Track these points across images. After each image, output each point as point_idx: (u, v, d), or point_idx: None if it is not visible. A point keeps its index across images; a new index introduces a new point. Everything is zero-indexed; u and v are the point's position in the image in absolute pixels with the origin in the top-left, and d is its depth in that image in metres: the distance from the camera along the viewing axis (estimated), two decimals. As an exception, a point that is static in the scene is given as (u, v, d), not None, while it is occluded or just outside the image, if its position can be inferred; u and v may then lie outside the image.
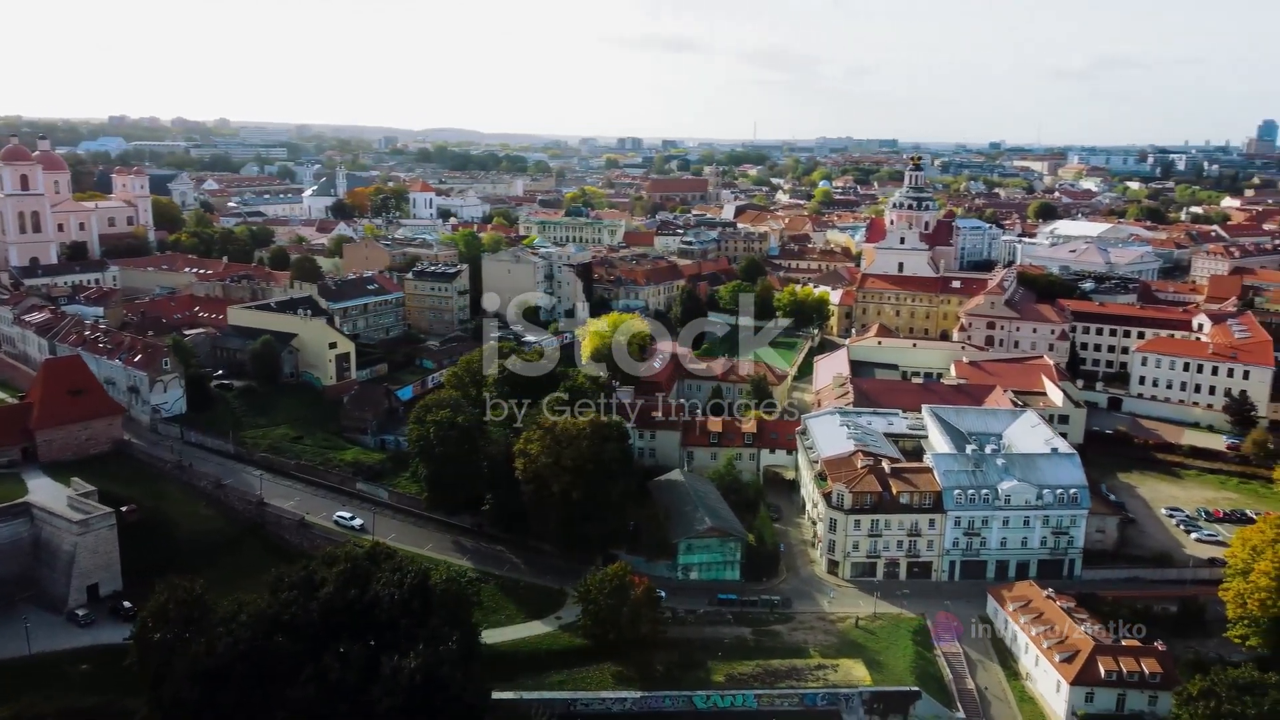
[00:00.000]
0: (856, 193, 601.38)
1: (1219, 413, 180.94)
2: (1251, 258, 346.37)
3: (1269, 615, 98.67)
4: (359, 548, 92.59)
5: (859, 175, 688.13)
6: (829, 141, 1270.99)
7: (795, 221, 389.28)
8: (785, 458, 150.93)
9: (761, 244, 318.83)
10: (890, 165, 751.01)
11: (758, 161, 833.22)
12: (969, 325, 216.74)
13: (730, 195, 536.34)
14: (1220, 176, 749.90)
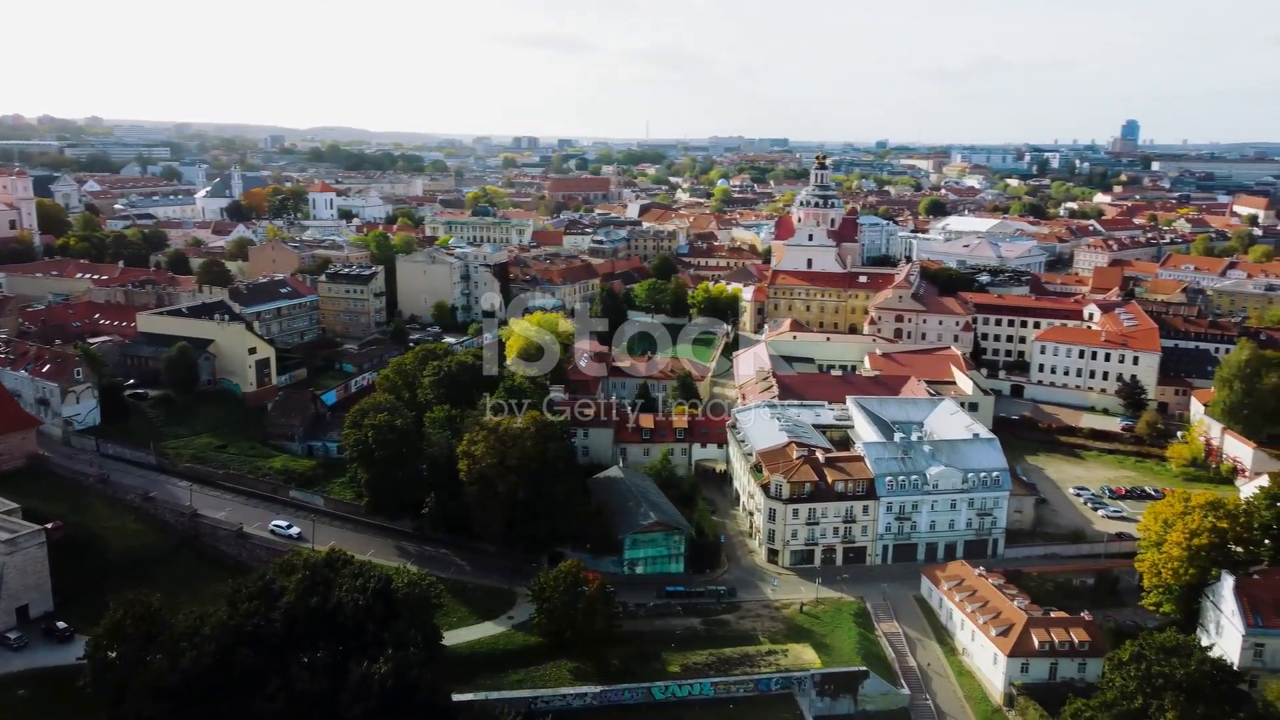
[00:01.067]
0: (753, 191, 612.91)
1: (1112, 396, 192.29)
2: (1128, 250, 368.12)
3: (1181, 583, 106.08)
4: (315, 555, 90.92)
5: (755, 174, 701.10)
6: (722, 141, 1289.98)
7: (700, 220, 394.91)
8: (716, 451, 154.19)
9: (671, 242, 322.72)
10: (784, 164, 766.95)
11: (655, 161, 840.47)
12: (878, 319, 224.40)
13: (631, 194, 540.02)
14: (1091, 174, 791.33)
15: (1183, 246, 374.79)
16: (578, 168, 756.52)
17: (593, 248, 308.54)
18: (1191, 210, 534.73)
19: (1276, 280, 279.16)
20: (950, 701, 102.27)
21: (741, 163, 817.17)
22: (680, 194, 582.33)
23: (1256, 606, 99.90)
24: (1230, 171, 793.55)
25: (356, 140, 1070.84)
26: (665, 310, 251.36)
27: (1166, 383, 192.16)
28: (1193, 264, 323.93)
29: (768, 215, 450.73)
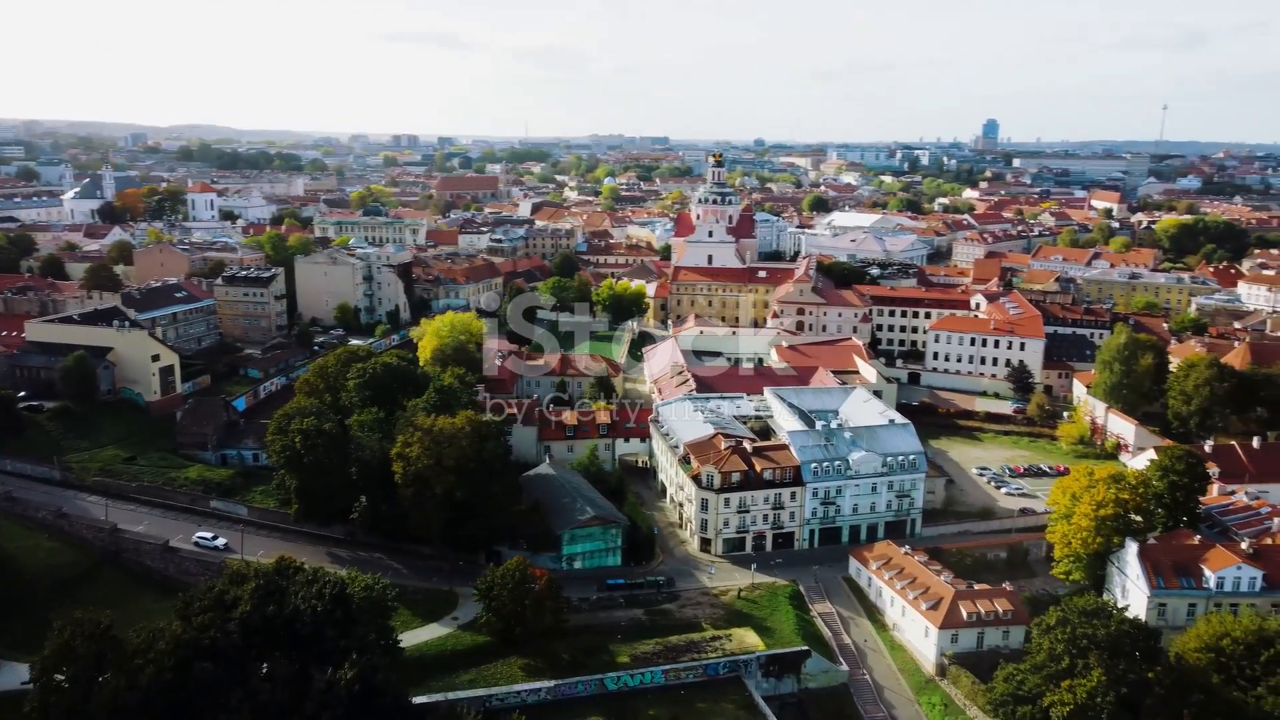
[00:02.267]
0: (640, 189, 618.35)
1: (1003, 381, 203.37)
2: (1001, 243, 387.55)
3: (1089, 551, 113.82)
4: (264, 564, 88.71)
5: (640, 172, 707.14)
6: (603, 139, 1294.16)
7: (594, 218, 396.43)
8: (639, 445, 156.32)
9: (569, 240, 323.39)
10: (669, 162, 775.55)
11: (540, 159, 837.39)
12: (781, 312, 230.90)
13: (520, 192, 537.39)
14: (958, 170, 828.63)
15: (1050, 239, 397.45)
16: (461, 166, 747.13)
17: (491, 246, 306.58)
18: (1053, 204, 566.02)
19: (1139, 269, 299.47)
20: (885, 675, 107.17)
21: (626, 161, 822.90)
22: (568, 192, 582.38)
23: (1158, 569, 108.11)
24: (1084, 168, 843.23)
25: (224, 138, 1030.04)
26: (570, 308, 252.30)
27: (1050, 367, 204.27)
28: (1061, 255, 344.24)
29: (659, 213, 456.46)
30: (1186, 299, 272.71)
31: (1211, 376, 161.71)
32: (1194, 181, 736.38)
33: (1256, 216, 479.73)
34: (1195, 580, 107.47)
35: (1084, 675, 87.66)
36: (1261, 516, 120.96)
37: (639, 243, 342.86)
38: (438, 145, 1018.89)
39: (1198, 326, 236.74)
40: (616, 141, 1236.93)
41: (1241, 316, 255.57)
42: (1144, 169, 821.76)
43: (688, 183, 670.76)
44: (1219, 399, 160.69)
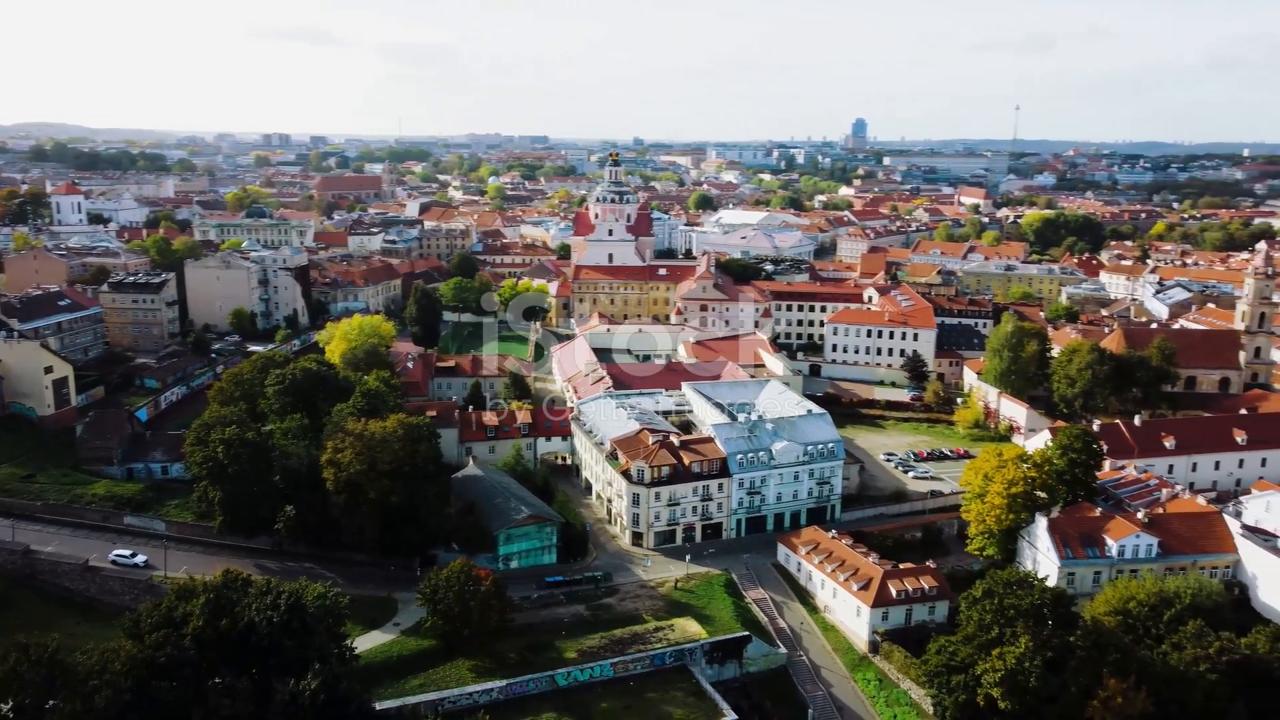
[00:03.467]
0: (525, 188, 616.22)
1: (898, 371, 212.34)
2: (881, 238, 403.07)
3: (1002, 527, 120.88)
4: (211, 578, 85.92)
5: (524, 171, 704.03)
6: (481, 138, 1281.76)
7: (484, 218, 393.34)
8: (560, 444, 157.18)
9: (464, 240, 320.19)
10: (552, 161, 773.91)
11: (420, 158, 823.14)
12: (685, 308, 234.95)
13: (404, 192, 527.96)
14: (832, 169, 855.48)
15: (927, 233, 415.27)
16: (339, 166, 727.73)
17: (385, 248, 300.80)
18: (925, 201, 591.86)
19: (1013, 261, 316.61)
20: (821, 654, 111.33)
21: (509, 160, 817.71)
22: (453, 192, 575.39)
23: (1066, 541, 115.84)
24: (949, 166, 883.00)
25: (77, 137, 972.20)
26: (472, 309, 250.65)
27: (941, 355, 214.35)
28: (939, 249, 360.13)
29: (549, 212, 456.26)
30: (1057, 289, 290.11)
31: (1092, 360, 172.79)
32: (1049, 178, 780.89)
33: (1109, 211, 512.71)
34: (1099, 550, 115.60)
35: (1012, 643, 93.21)
36: (1151, 488, 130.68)
37: (534, 242, 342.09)
38: (311, 144, 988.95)
39: (1070, 314, 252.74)
40: (496, 140, 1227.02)
41: (1107, 304, 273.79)
42: (1003, 166, 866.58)
43: (572, 181, 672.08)
44: (1100, 381, 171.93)
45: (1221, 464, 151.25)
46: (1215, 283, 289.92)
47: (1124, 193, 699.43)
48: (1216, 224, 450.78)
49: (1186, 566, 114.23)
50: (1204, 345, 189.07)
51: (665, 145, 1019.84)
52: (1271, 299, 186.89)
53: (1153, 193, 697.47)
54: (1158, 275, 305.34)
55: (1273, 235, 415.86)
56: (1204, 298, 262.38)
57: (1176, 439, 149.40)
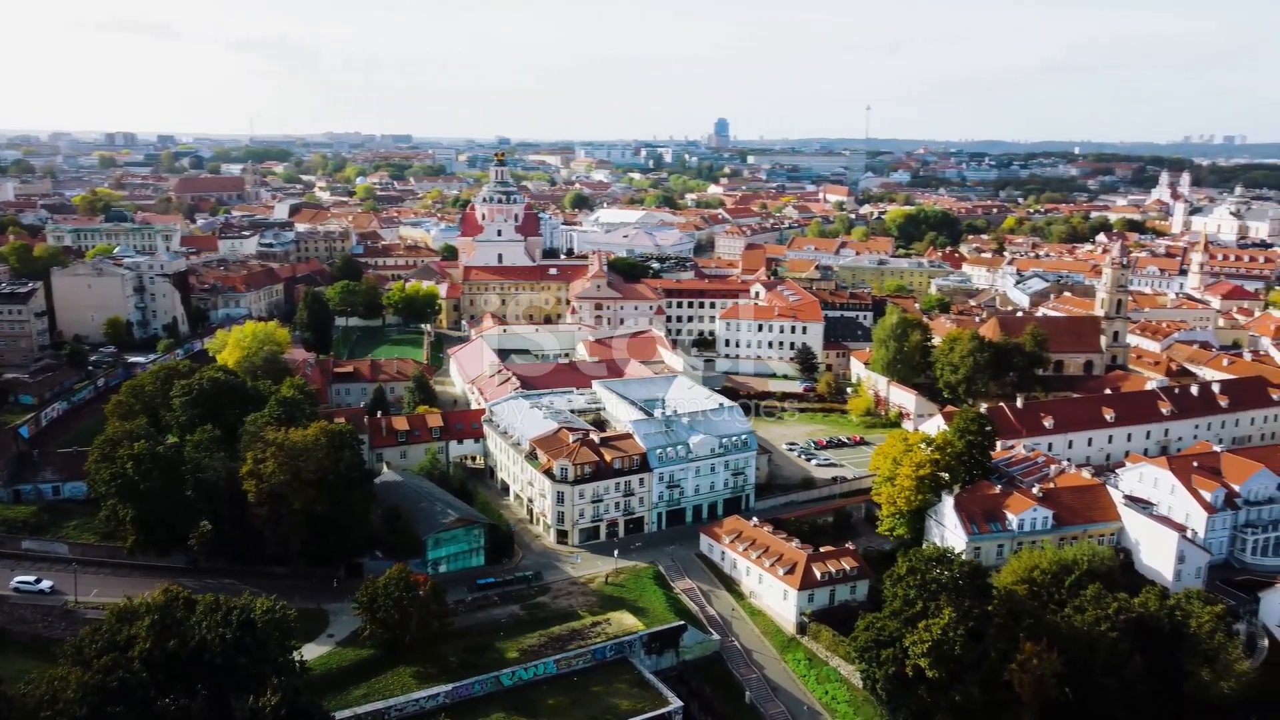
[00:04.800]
0: (394, 188, 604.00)
1: (790, 363, 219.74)
2: (757, 235, 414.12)
3: (911, 508, 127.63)
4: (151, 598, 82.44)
5: (393, 171, 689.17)
6: (341, 137, 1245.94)
7: (360, 219, 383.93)
8: (473, 446, 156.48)
9: (344, 242, 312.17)
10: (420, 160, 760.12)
11: (281, 158, 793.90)
12: (579, 307, 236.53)
13: (268, 194, 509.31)
14: (699, 167, 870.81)
15: (800, 230, 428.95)
16: (193, 166, 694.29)
17: (261, 251, 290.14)
18: (792, 198, 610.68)
19: (884, 256, 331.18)
20: (750, 639, 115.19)
21: (376, 160, 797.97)
22: (319, 193, 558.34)
23: (971, 518, 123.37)
24: (810, 164, 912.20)
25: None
26: (359, 312, 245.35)
27: (829, 347, 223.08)
28: (813, 245, 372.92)
29: (424, 213, 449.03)
30: (927, 281, 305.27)
31: (973, 348, 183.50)
32: (904, 175, 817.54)
33: (964, 206, 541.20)
34: (1001, 524, 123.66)
35: (936, 615, 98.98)
36: (1039, 465, 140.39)
37: (416, 243, 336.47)
38: (159, 143, 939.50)
39: (942, 305, 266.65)
40: (357, 139, 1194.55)
41: (974, 295, 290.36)
42: (861, 164, 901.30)
43: (443, 181, 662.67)
44: (980, 367, 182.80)
45: (1094, 440, 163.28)
46: (1067, 273, 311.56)
47: (973, 189, 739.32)
48: (1060, 218, 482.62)
49: (1078, 536, 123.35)
50: (1069, 331, 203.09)
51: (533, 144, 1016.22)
52: (1127, 287, 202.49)
53: (999, 189, 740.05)
54: (1015, 266, 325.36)
55: (1110, 228, 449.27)
56: (1060, 287, 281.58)
57: (1054, 419, 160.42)
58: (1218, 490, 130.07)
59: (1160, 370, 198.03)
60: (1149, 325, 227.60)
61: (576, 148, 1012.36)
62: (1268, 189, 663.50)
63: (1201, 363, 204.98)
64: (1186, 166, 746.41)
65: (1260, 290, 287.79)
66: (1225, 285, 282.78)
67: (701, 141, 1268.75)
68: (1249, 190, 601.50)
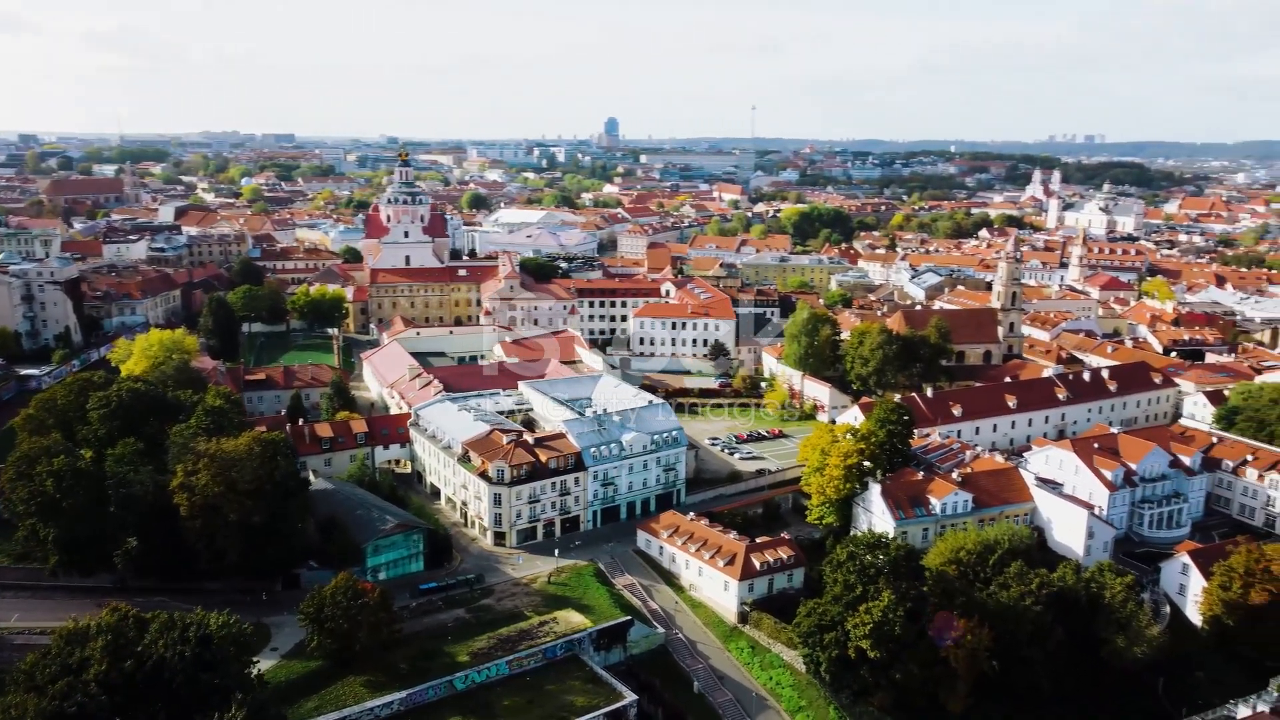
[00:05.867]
0: (282, 189, 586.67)
1: (704, 360, 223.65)
2: (659, 234, 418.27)
3: (840, 496, 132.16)
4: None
5: (279, 172, 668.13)
6: (218, 136, 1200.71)
7: (252, 221, 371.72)
8: (399, 450, 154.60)
9: (240, 246, 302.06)
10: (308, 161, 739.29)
11: (158, 158, 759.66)
12: (494, 309, 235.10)
13: (149, 195, 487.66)
14: (593, 167, 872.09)
15: (699, 229, 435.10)
16: (61, 167, 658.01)
17: (152, 256, 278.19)
18: (687, 197, 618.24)
19: (785, 253, 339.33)
20: (694, 630, 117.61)
21: (261, 160, 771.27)
22: (203, 194, 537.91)
23: (898, 503, 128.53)
24: (702, 163, 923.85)
25: None
26: (263, 318, 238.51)
27: (741, 343, 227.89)
28: (714, 243, 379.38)
29: (319, 214, 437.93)
30: (827, 277, 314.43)
31: (883, 341, 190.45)
32: (793, 174, 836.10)
33: (854, 204, 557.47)
34: (925, 508, 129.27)
35: (876, 598, 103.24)
36: (955, 451, 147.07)
37: (314, 246, 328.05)
38: (21, 143, 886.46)
39: (844, 300, 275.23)
40: (236, 139, 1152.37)
41: (873, 289, 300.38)
42: (751, 163, 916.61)
43: (333, 181, 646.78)
44: (890, 360, 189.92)
45: (998, 426, 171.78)
46: (957, 267, 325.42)
47: (859, 187, 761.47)
48: (945, 214, 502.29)
49: (995, 517, 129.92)
50: (968, 323, 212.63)
51: (422, 144, 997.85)
52: (1020, 279, 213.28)
53: (883, 187, 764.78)
54: (908, 262, 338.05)
55: (991, 224, 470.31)
56: (953, 280, 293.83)
57: (962, 407, 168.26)
58: (1117, 469, 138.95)
59: (1051, 358, 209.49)
60: (1038, 316, 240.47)
61: (468, 147, 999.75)
62: (1129, 186, 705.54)
63: (1088, 350, 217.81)
64: (1055, 165, 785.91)
65: (1133, 281, 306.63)
66: (1102, 277, 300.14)
67: (592, 141, 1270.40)
68: (1115, 187, 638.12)
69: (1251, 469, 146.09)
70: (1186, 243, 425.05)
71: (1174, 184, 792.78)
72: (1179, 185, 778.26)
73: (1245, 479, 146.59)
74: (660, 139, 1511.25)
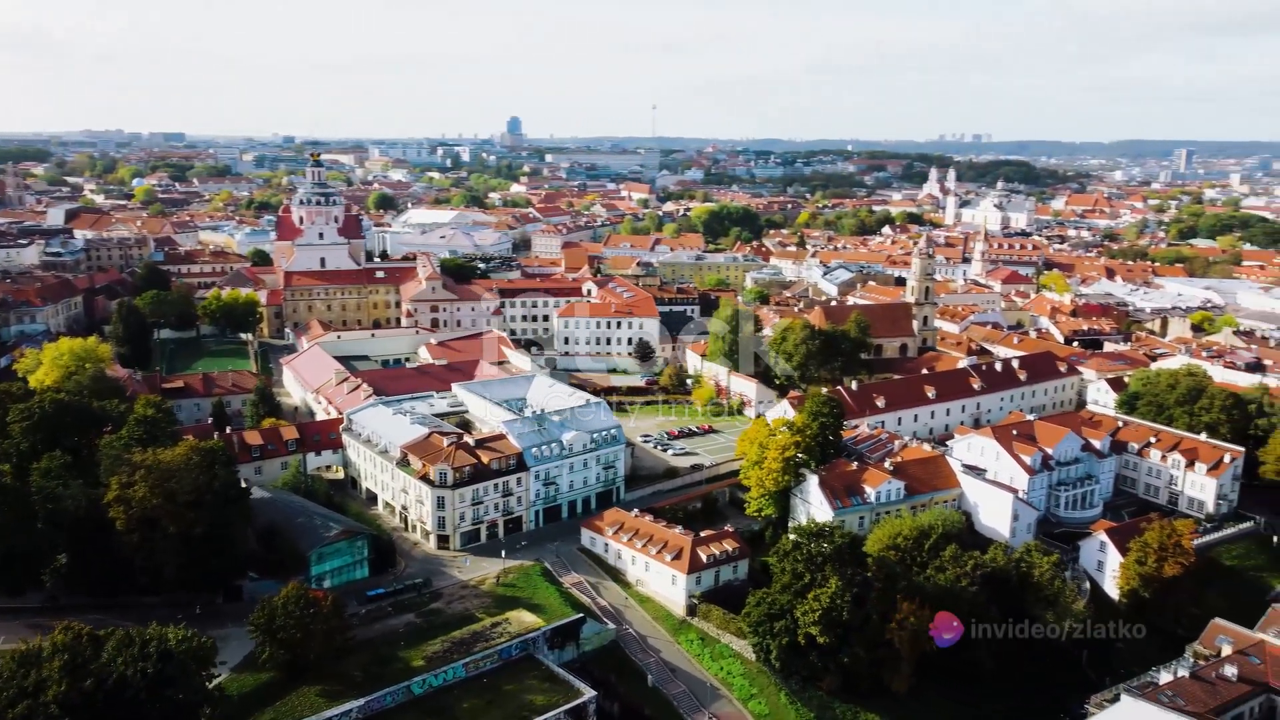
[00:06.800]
0: (177, 190, 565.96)
1: (629, 358, 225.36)
2: (572, 234, 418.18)
3: (779, 488, 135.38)
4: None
5: (173, 172, 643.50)
6: (102, 135, 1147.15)
7: (150, 224, 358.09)
8: (331, 456, 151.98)
9: (142, 249, 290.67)
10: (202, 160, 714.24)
11: (39, 158, 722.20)
12: (415, 310, 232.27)
13: (33, 198, 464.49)
14: (498, 166, 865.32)
15: (613, 228, 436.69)
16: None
17: (47, 261, 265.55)
18: (595, 196, 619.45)
19: (700, 251, 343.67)
20: (643, 625, 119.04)
21: (153, 160, 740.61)
22: (91, 195, 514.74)
23: (835, 493, 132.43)
24: (607, 162, 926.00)
25: None
26: (172, 324, 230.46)
27: (664, 341, 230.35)
28: (628, 242, 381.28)
29: (221, 216, 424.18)
30: (742, 275, 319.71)
31: (806, 336, 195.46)
32: (698, 173, 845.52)
33: (761, 202, 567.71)
34: (861, 497, 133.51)
35: (824, 585, 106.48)
36: (883, 442, 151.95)
37: (220, 249, 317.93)
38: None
39: (761, 297, 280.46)
40: (122, 138, 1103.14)
41: (788, 286, 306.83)
42: (656, 162, 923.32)
43: (230, 182, 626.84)
44: (813, 354, 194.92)
45: (919, 416, 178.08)
46: (866, 263, 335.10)
47: (763, 186, 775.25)
48: (848, 212, 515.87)
49: (926, 503, 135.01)
50: (885, 317, 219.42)
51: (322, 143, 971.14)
52: (933, 275, 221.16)
53: (786, 185, 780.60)
54: (819, 259, 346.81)
55: (893, 221, 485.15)
56: (864, 277, 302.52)
57: (885, 399, 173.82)
58: (1035, 454, 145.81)
59: (963, 350, 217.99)
60: (947, 309, 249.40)
61: (369, 146, 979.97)
62: (1018, 183, 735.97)
63: (996, 342, 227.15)
64: (949, 164, 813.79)
65: (1032, 275, 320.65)
66: (1004, 271, 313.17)
67: (496, 140, 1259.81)
68: (1006, 184, 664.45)
69: (1155, 450, 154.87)
70: (1076, 237, 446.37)
71: (1058, 181, 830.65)
72: (1063, 183, 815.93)
73: (1149, 460, 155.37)
74: (563, 138, 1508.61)
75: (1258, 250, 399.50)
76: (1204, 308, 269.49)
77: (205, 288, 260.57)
